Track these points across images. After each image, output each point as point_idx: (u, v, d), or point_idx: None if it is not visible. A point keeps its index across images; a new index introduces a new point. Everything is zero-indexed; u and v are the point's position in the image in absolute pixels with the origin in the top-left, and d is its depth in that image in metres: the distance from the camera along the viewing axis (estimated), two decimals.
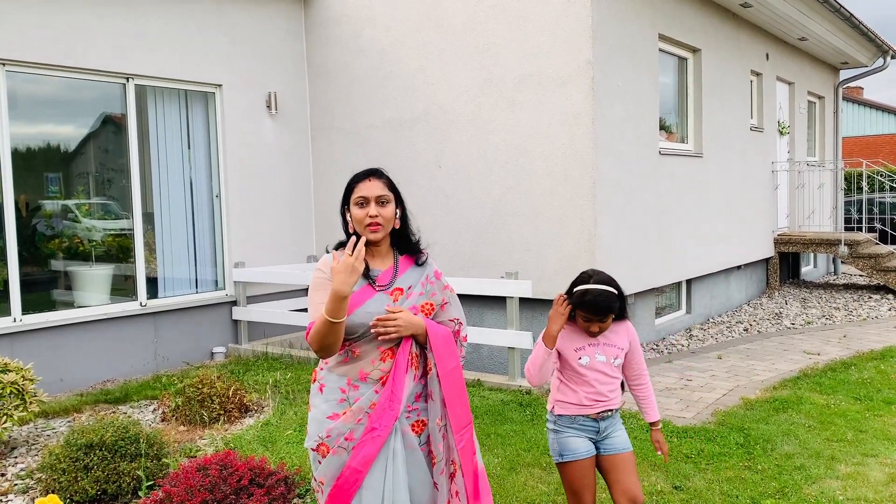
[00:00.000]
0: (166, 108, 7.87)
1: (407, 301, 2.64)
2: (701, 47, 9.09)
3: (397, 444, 2.57)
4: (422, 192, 8.15)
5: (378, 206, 2.62)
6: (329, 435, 2.57)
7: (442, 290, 2.76)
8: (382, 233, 2.64)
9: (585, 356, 2.98)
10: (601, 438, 3.03)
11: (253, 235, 8.47)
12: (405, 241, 2.75)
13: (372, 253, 2.70)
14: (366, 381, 2.59)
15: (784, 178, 12.29)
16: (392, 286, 2.67)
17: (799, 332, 8.81)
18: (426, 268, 2.76)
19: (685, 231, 8.81)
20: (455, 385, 2.66)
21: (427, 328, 2.62)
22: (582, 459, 2.98)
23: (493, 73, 7.53)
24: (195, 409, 5.65)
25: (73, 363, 6.90)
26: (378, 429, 2.53)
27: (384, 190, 2.65)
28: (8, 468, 4.85)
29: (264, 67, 8.58)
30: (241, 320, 8.22)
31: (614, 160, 7.31)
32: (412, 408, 2.64)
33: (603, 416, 3.02)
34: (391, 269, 2.70)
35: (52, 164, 7.10)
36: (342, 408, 2.60)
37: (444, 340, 2.66)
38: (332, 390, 2.63)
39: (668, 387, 6.39)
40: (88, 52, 6.99)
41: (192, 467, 3.96)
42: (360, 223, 2.63)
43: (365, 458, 2.53)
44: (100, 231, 7.53)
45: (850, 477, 4.31)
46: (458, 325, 2.79)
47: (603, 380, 2.99)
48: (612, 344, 3.01)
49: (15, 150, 6.70)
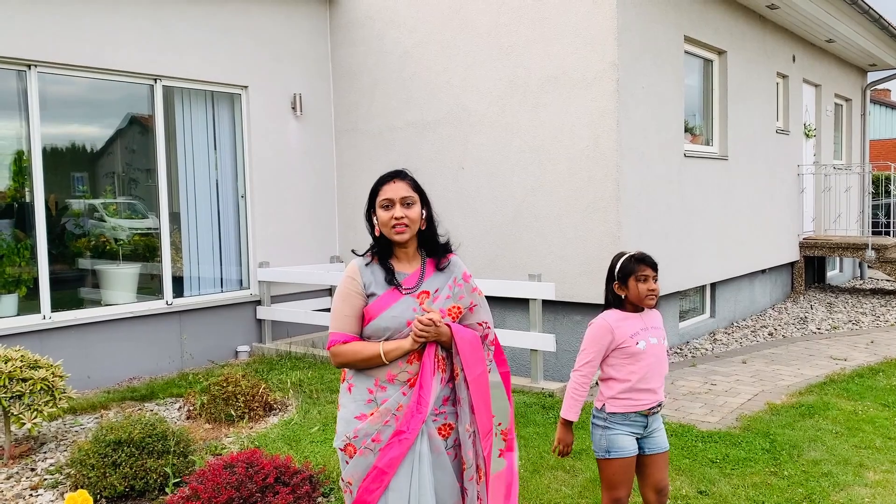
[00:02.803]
0: (193, 110, 7.96)
1: (434, 304, 2.64)
2: (727, 49, 9.02)
3: (423, 448, 2.58)
4: (445, 194, 8.16)
5: (403, 208, 2.62)
6: (356, 436, 2.59)
7: (470, 292, 2.75)
8: (409, 234, 2.64)
9: (641, 340, 3.06)
10: (646, 435, 3.12)
11: (277, 235, 8.54)
12: (432, 243, 2.75)
13: (398, 256, 2.71)
14: (393, 383, 2.60)
15: (810, 182, 12.15)
16: (418, 289, 2.67)
17: (825, 337, 8.70)
18: (454, 269, 2.75)
19: (709, 234, 8.74)
20: (482, 390, 2.65)
21: (454, 334, 2.60)
22: (627, 457, 3.06)
23: (517, 74, 7.52)
24: (220, 408, 5.70)
25: (101, 360, 7.00)
26: (406, 432, 2.55)
27: (409, 191, 2.66)
28: (38, 463, 4.93)
29: (289, 69, 8.65)
30: (265, 319, 8.28)
31: (638, 162, 7.28)
32: (439, 411, 2.65)
33: (654, 410, 3.10)
34: (418, 272, 2.70)
35: (80, 164, 7.21)
36: (370, 408, 2.61)
37: (472, 345, 2.64)
38: (361, 391, 2.64)
39: (692, 391, 6.34)
40: (117, 54, 7.09)
41: (218, 465, 4.00)
42: (387, 225, 2.63)
43: (391, 460, 2.54)
44: (127, 230, 7.63)
45: (879, 484, 4.26)
46: (487, 329, 2.77)
47: (661, 363, 3.10)
48: (658, 327, 3.15)
49: (45, 150, 6.81)
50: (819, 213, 12.54)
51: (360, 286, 2.64)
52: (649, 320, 3.14)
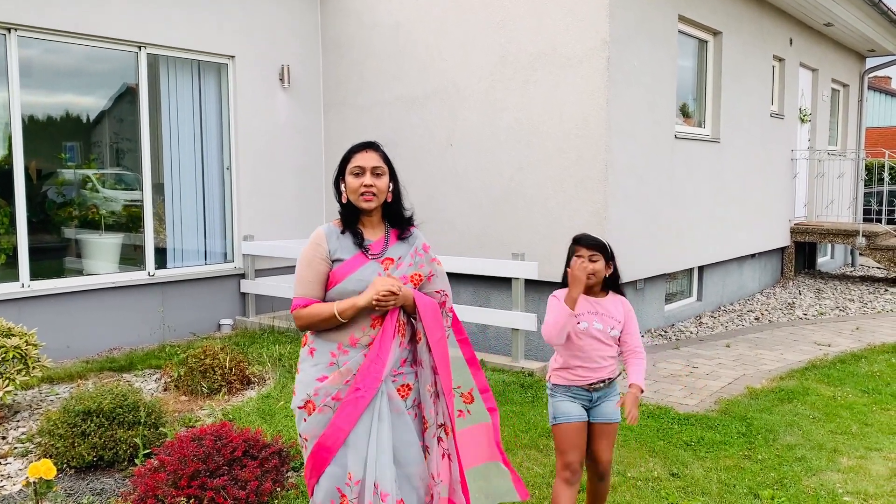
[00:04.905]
0: (178, 79, 7.84)
1: (397, 271, 2.74)
2: (722, 30, 8.90)
3: (383, 407, 2.65)
4: (433, 171, 8.08)
5: (373, 177, 2.71)
6: (317, 394, 2.67)
7: (430, 262, 2.85)
8: (375, 203, 2.73)
9: (584, 322, 3.12)
10: (592, 406, 3.18)
11: (263, 209, 8.46)
12: (396, 216, 2.84)
13: (363, 223, 2.80)
14: (356, 347, 2.69)
15: (803, 167, 12.08)
16: (383, 255, 2.76)
17: (811, 322, 8.69)
18: (415, 240, 2.86)
19: (699, 217, 8.69)
20: (442, 353, 2.77)
21: (416, 299, 2.72)
22: (572, 422, 3.14)
23: (508, 50, 7.42)
24: (197, 380, 5.67)
25: (80, 330, 6.95)
26: (361, 389, 2.62)
27: (380, 162, 2.75)
28: (10, 432, 4.90)
29: (278, 40, 8.52)
30: (249, 293, 8.23)
31: (628, 142, 7.20)
32: (397, 372, 2.74)
33: (595, 387, 3.15)
34: (382, 240, 2.80)
35: (63, 133, 7.11)
36: (331, 371, 2.69)
37: (432, 311, 2.77)
38: (323, 354, 2.72)
39: (673, 373, 6.32)
40: (100, 19, 6.96)
41: (187, 437, 3.96)
42: (355, 192, 2.71)
43: (348, 416, 2.62)
44: (110, 200, 7.54)
45: (852, 470, 4.25)
46: (444, 297, 2.90)
47: (596, 346, 3.11)
48: (610, 315, 3.14)
49: (25, 117, 6.70)
50: (811, 198, 12.48)
51: (325, 252, 2.74)
52: (601, 307, 3.15)
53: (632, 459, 4.36)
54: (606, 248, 3.16)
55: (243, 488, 3.68)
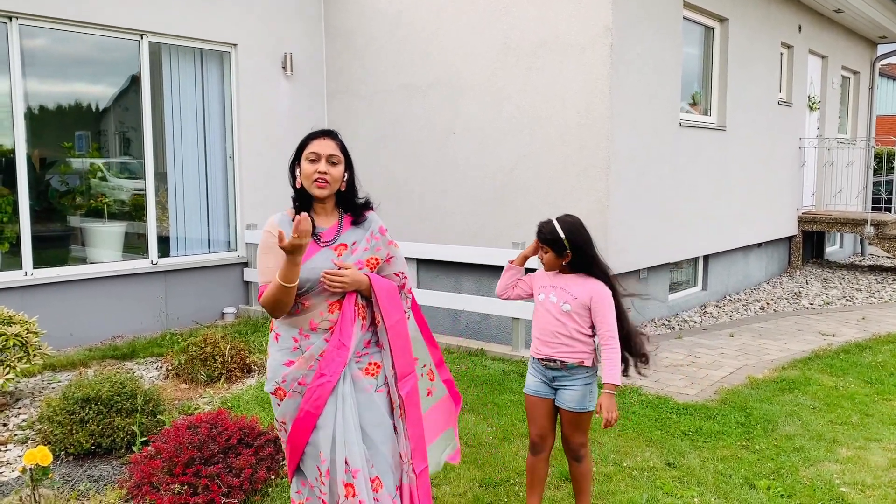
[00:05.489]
0: (181, 67, 7.83)
1: (352, 256, 2.75)
2: (728, 17, 8.80)
3: (346, 389, 2.70)
4: (434, 160, 8.06)
5: (328, 165, 2.71)
6: (284, 380, 2.73)
7: (387, 245, 2.87)
8: (328, 190, 2.73)
9: (542, 294, 3.26)
10: (555, 388, 3.25)
11: (266, 197, 8.46)
12: (350, 203, 2.84)
13: (316, 210, 2.80)
14: (316, 331, 2.72)
15: (812, 155, 11.97)
16: (336, 242, 2.77)
17: (816, 312, 8.63)
18: (370, 224, 2.85)
19: (703, 206, 8.62)
20: (399, 336, 2.80)
21: (372, 283, 2.74)
22: (530, 394, 3.30)
23: (510, 37, 7.36)
24: (198, 368, 5.69)
25: (83, 318, 6.98)
26: (326, 375, 2.68)
27: (336, 150, 2.74)
28: (10, 419, 4.93)
29: (280, 27, 8.49)
30: (252, 282, 8.25)
31: (631, 131, 7.15)
32: (361, 353, 2.78)
33: (547, 364, 3.22)
34: (336, 226, 2.80)
35: (66, 122, 7.12)
36: (296, 356, 2.73)
37: (388, 294, 2.79)
38: (286, 339, 2.76)
39: (674, 363, 6.30)
40: (102, 8, 6.95)
41: (183, 425, 3.98)
42: (309, 178, 2.71)
43: (316, 401, 2.68)
44: (113, 188, 7.56)
45: (850, 461, 4.22)
46: (404, 279, 2.92)
47: (549, 319, 3.20)
48: (567, 290, 3.19)
49: (28, 106, 6.72)
50: (820, 187, 12.38)
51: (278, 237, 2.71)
52: (562, 282, 3.22)
53: (628, 449, 4.34)
54: (557, 241, 3.15)
55: (237, 476, 3.70)
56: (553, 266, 3.24)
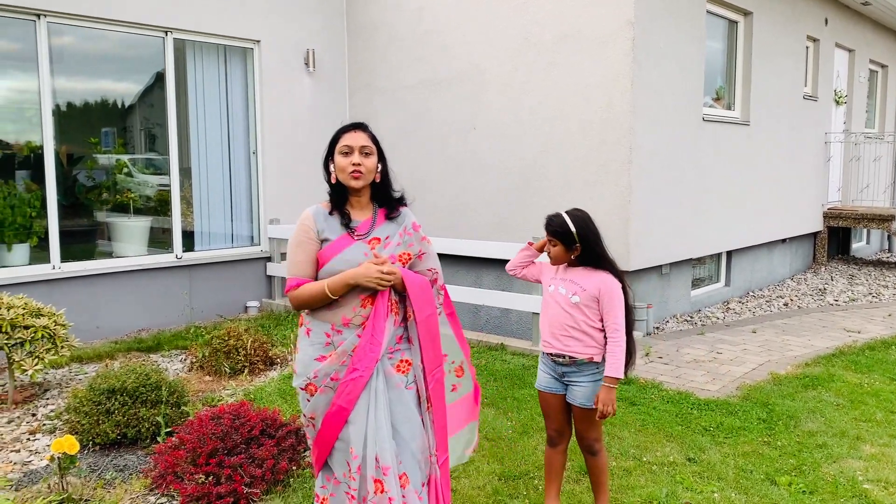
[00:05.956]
0: (205, 64, 7.91)
1: (385, 250, 2.76)
2: (753, 10, 8.71)
3: (379, 384, 2.71)
4: (456, 155, 8.07)
5: (361, 156, 2.74)
6: (316, 376, 2.73)
7: (420, 241, 2.88)
8: (363, 182, 2.75)
9: (552, 285, 3.28)
10: (566, 384, 3.26)
11: (288, 192, 8.52)
12: (385, 196, 2.86)
13: (352, 204, 2.82)
14: (348, 327, 2.73)
15: (838, 150, 11.81)
16: (370, 235, 2.79)
17: (842, 308, 8.53)
18: (404, 219, 2.87)
19: (726, 201, 8.55)
20: (429, 330, 2.82)
21: (404, 277, 2.75)
22: (542, 391, 3.33)
23: (532, 32, 7.35)
24: (221, 360, 5.76)
25: (110, 311, 7.09)
26: (359, 370, 2.69)
27: (368, 142, 2.78)
28: (39, 409, 5.04)
29: (303, 23, 8.54)
30: (275, 276, 8.33)
31: (653, 125, 7.11)
32: (394, 349, 2.79)
33: (557, 360, 3.22)
34: (370, 220, 2.82)
35: (92, 118, 7.23)
36: (328, 350, 2.74)
37: (421, 289, 2.80)
38: (318, 334, 2.77)
39: (696, 359, 6.26)
40: (127, 5, 7.05)
41: (206, 416, 4.04)
42: (344, 171, 2.74)
43: (349, 396, 2.69)
44: (139, 184, 7.67)
45: (874, 458, 4.18)
46: (435, 275, 2.95)
47: (559, 312, 3.20)
48: (576, 283, 3.20)
49: (56, 102, 6.83)
50: (846, 182, 12.21)
51: (313, 232, 2.77)
52: (571, 275, 3.24)
53: (648, 444, 4.34)
54: (568, 234, 3.17)
55: (260, 466, 3.75)
56: (561, 259, 3.24)
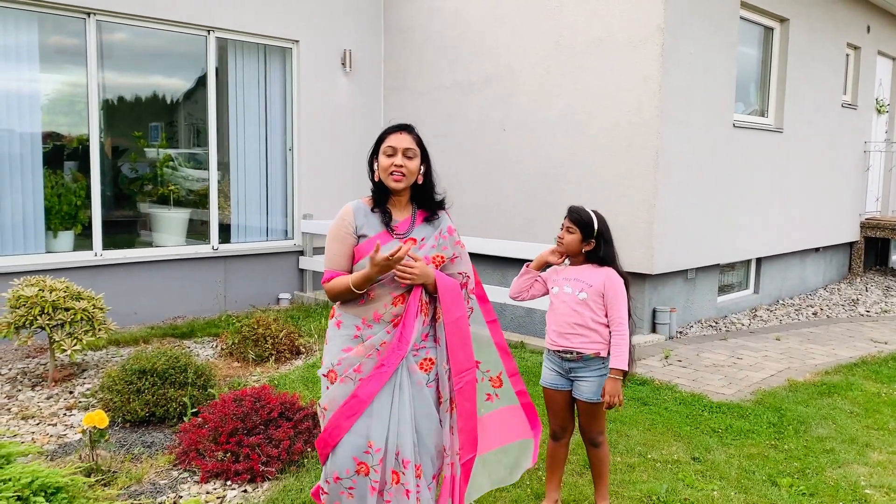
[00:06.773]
0: (245, 62, 8.19)
1: (420, 252, 2.82)
2: (790, 17, 8.67)
3: (403, 380, 2.77)
4: (486, 155, 8.21)
5: (404, 158, 2.79)
6: (340, 363, 2.80)
7: (454, 245, 2.92)
8: (404, 184, 2.81)
9: (556, 287, 3.36)
10: (572, 380, 3.35)
11: (322, 189, 8.76)
12: (426, 198, 2.92)
13: (393, 203, 2.88)
14: (379, 322, 2.80)
15: (878, 160, 11.63)
16: (408, 235, 2.85)
17: (872, 319, 8.44)
18: (441, 223, 2.93)
19: (756, 208, 8.53)
20: (458, 333, 2.84)
21: (436, 279, 2.80)
22: (547, 388, 3.42)
23: (563, 35, 7.45)
24: (249, 348, 5.99)
25: (147, 298, 7.40)
26: (386, 365, 2.74)
27: (412, 144, 2.82)
28: (76, 387, 5.32)
29: (341, 25, 8.77)
30: (307, 269, 8.57)
31: (681, 130, 7.15)
32: (419, 347, 2.84)
33: (564, 356, 3.30)
34: (409, 220, 2.88)
35: (137, 113, 7.55)
36: (356, 343, 2.81)
37: (452, 291, 2.84)
38: (348, 327, 2.84)
39: (715, 363, 6.30)
40: (172, 4, 7.35)
41: (229, 398, 4.25)
42: (386, 171, 2.80)
43: (370, 390, 2.74)
44: (179, 177, 7.97)
45: (881, 465, 4.20)
46: (466, 279, 2.96)
47: (565, 310, 3.29)
48: (582, 279, 3.29)
49: (102, 97, 7.15)
50: (886, 192, 12.01)
51: (351, 227, 2.84)
52: (576, 273, 3.32)
53: (655, 442, 4.42)
54: (590, 225, 3.27)
55: (276, 447, 3.95)
56: (572, 249, 3.29)
